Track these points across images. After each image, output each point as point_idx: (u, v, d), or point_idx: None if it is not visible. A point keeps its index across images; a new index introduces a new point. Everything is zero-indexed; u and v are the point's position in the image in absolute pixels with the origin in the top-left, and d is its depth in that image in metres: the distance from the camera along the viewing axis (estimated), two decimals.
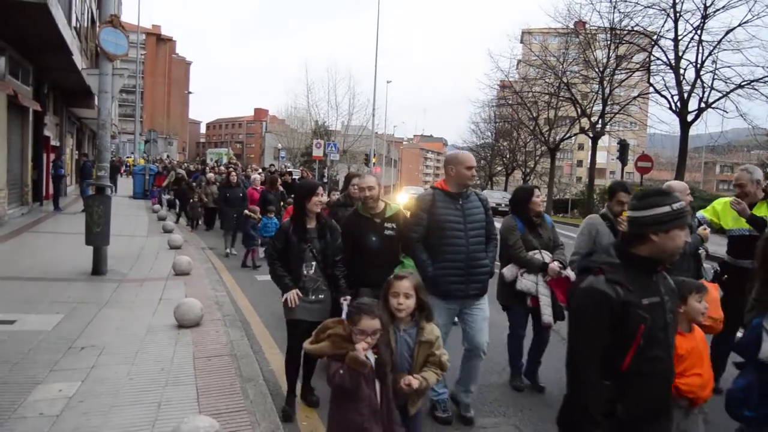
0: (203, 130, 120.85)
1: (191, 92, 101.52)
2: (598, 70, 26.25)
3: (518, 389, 4.62)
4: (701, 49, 20.61)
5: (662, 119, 42.56)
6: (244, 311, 6.77)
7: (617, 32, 23.63)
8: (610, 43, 24.95)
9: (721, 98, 20.45)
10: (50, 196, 16.44)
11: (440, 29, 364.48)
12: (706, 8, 20.03)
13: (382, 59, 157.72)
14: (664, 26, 21.73)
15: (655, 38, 22.25)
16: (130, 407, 3.69)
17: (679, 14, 20.97)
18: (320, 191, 3.99)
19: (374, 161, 36.15)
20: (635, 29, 22.75)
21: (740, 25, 19.38)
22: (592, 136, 27.83)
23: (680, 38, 21.23)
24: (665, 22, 21.51)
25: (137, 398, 3.84)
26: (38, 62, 13.81)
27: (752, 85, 19.56)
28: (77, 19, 16.20)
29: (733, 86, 19.97)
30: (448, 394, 4.00)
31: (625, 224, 4.12)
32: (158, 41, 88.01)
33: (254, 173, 17.47)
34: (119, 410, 3.64)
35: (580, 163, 66.72)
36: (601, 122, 27.17)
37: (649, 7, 21.57)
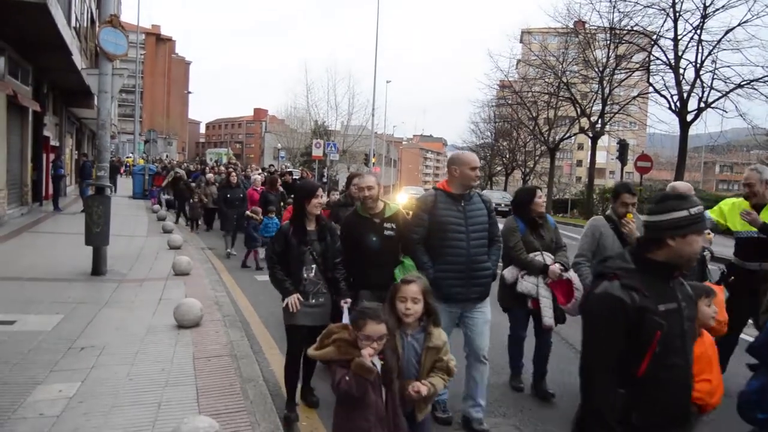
0: (203, 130, 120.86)
1: (191, 92, 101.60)
2: (597, 69, 26.28)
3: (518, 389, 4.61)
4: (701, 48, 20.66)
5: (662, 119, 42.68)
6: (244, 311, 6.78)
7: (617, 32, 23.66)
8: (609, 42, 24.97)
9: (720, 98, 20.49)
10: (50, 196, 16.44)
11: (440, 29, 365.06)
12: (705, 8, 20.06)
13: (381, 59, 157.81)
14: (663, 26, 21.80)
15: (654, 38, 22.27)
16: (130, 407, 3.69)
17: (678, 14, 21.00)
18: (320, 193, 3.94)
19: (374, 161, 36.16)
20: (635, 29, 22.78)
21: (740, 24, 19.42)
22: (591, 135, 27.85)
23: (680, 38, 21.27)
24: (665, 21, 21.57)
25: (137, 398, 3.84)
26: (38, 62, 13.81)
27: (752, 84, 19.59)
28: (77, 18, 16.19)
29: (732, 86, 20.01)
30: (448, 394, 3.98)
31: (628, 226, 4.12)
32: (158, 41, 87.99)
33: (254, 173, 17.48)
34: (119, 411, 3.64)
35: (579, 162, 66.76)
36: (600, 122, 27.19)
37: (648, 6, 21.62)
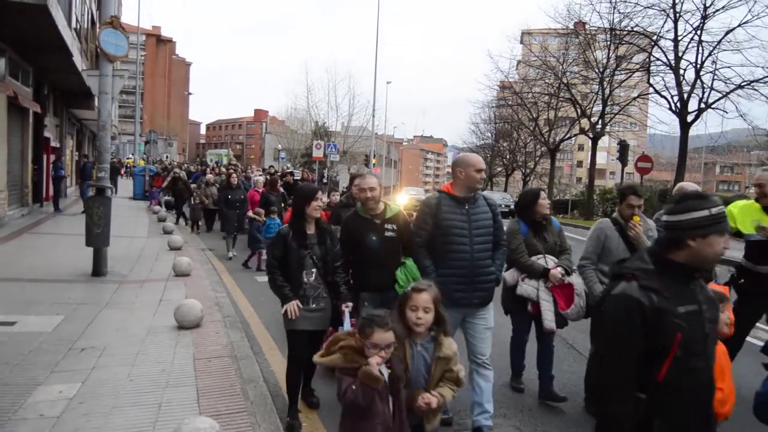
0: (203, 131, 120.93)
1: (191, 93, 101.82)
2: (597, 70, 26.28)
3: (518, 390, 4.61)
4: (701, 49, 20.65)
5: (662, 120, 42.59)
6: (244, 312, 6.78)
7: (617, 33, 23.66)
8: (609, 43, 24.97)
9: (720, 98, 20.48)
10: (50, 197, 16.45)
11: (440, 30, 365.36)
12: (705, 9, 20.07)
13: (381, 58, 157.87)
14: (663, 27, 21.80)
15: (654, 39, 22.28)
16: (130, 408, 3.69)
17: (678, 15, 21.01)
18: (319, 195, 3.92)
19: (374, 162, 36.17)
20: (635, 30, 22.78)
21: (740, 25, 19.41)
22: (592, 136, 27.85)
23: (680, 39, 21.27)
24: (665, 22, 21.57)
25: (138, 399, 3.85)
26: (38, 63, 13.82)
27: (752, 85, 19.58)
28: (77, 20, 16.22)
29: (732, 86, 20.00)
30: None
31: (634, 230, 4.08)
32: (158, 42, 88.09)
33: (256, 174, 17.49)
34: (120, 411, 3.64)
35: (580, 163, 66.71)
36: (601, 123, 27.19)
37: (648, 7, 21.63)
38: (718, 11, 19.96)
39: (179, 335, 5.33)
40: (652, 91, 23.30)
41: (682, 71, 21.32)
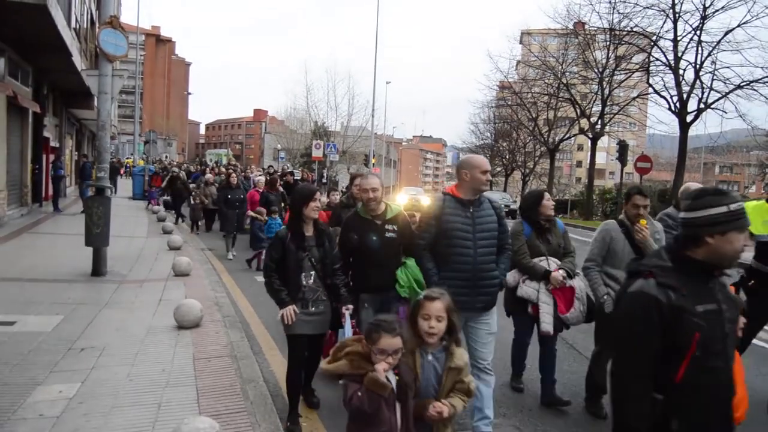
0: (202, 131, 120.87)
1: (190, 93, 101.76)
2: (597, 70, 26.33)
3: (518, 390, 4.61)
4: (700, 49, 20.71)
5: (661, 120, 42.46)
6: (243, 312, 6.78)
7: (616, 33, 23.70)
8: (609, 43, 25.02)
9: (720, 99, 20.53)
10: (50, 197, 16.44)
11: (439, 30, 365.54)
12: (705, 9, 20.12)
13: (381, 58, 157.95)
14: (663, 27, 21.86)
15: (654, 39, 22.32)
16: (130, 408, 3.69)
17: (678, 15, 21.05)
18: (317, 196, 3.86)
19: (374, 162, 36.21)
20: (634, 30, 22.83)
21: (739, 25, 19.47)
22: (591, 136, 27.89)
23: (679, 39, 21.32)
24: (664, 22, 21.63)
25: (137, 399, 3.84)
26: (38, 63, 13.82)
27: (751, 85, 19.63)
28: (77, 20, 16.21)
29: (732, 87, 20.06)
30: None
31: (641, 233, 4.03)
32: (158, 42, 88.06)
33: (256, 174, 17.48)
34: (119, 411, 3.64)
35: (579, 163, 66.83)
36: (600, 123, 27.23)
37: (648, 7, 21.69)
38: (717, 11, 20.04)
39: (179, 335, 5.33)
40: (651, 91, 23.35)
41: (681, 71, 21.37)
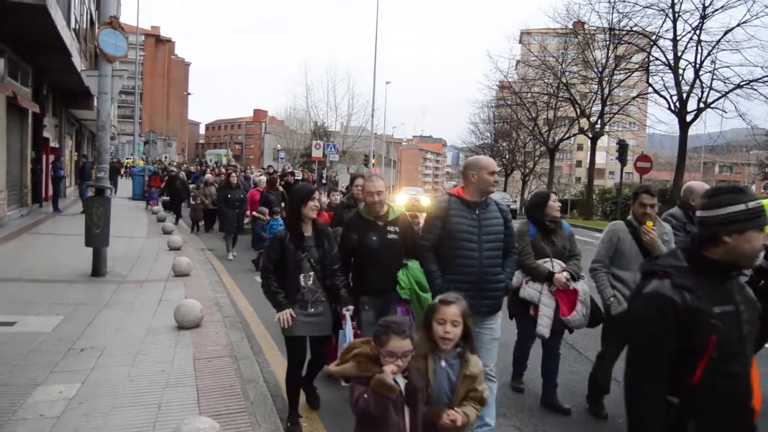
0: (202, 131, 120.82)
1: (190, 93, 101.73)
2: (597, 70, 26.34)
3: (518, 390, 4.61)
4: (700, 49, 20.73)
5: (661, 119, 42.44)
6: (244, 312, 6.78)
7: (616, 32, 23.72)
8: (608, 43, 25.05)
9: (719, 98, 20.55)
10: (49, 197, 16.44)
11: (439, 30, 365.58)
12: (704, 8, 20.13)
13: (381, 58, 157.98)
14: (662, 26, 21.88)
15: (653, 38, 22.33)
16: (130, 408, 3.69)
17: (677, 14, 21.07)
18: (316, 195, 3.80)
19: (373, 162, 36.19)
20: (634, 29, 22.85)
21: (739, 25, 19.48)
22: (591, 136, 27.90)
23: (679, 38, 21.33)
24: (664, 22, 21.66)
25: (137, 399, 3.84)
26: (37, 63, 13.82)
27: (751, 85, 19.65)
28: (76, 20, 16.21)
29: (731, 86, 20.08)
30: None
31: (648, 235, 3.98)
32: (157, 42, 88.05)
33: (256, 174, 17.49)
34: (119, 412, 3.64)
35: (579, 163, 66.84)
36: (600, 122, 27.24)
37: (647, 7, 21.71)
38: (717, 11, 20.07)
39: (179, 335, 5.33)
40: (651, 90, 23.37)
41: (681, 71, 21.39)
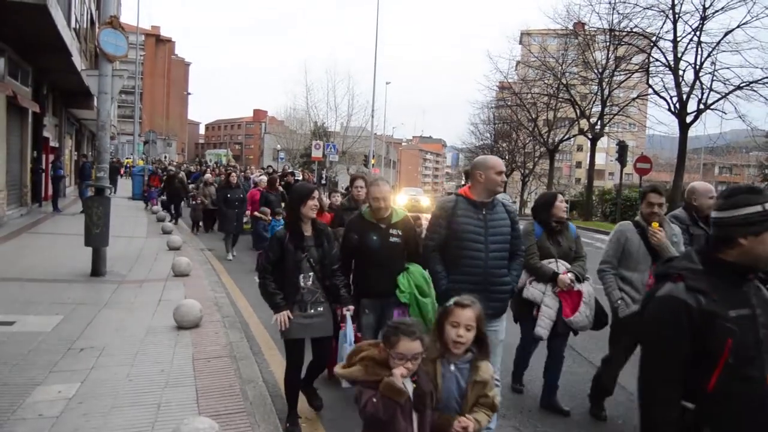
0: (202, 131, 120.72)
1: (190, 93, 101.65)
2: (597, 71, 26.34)
3: (518, 391, 4.61)
4: (700, 50, 20.71)
5: (661, 120, 42.62)
6: (243, 312, 6.77)
7: (616, 33, 23.70)
8: (609, 44, 25.03)
9: (719, 99, 20.53)
10: (49, 197, 16.44)
11: (439, 30, 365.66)
12: (705, 10, 20.12)
13: (381, 58, 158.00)
14: (662, 27, 21.86)
15: (654, 39, 22.32)
16: (129, 408, 3.69)
17: (678, 16, 21.06)
18: (316, 195, 3.75)
19: (373, 162, 36.20)
20: (634, 30, 22.84)
21: (739, 26, 19.48)
22: (591, 137, 27.89)
23: (679, 40, 21.32)
24: (664, 23, 21.64)
25: (137, 399, 3.84)
26: (37, 63, 13.81)
27: (751, 86, 19.64)
28: (77, 20, 16.20)
29: (732, 88, 20.06)
30: None
31: (656, 237, 3.93)
32: (157, 42, 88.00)
33: (257, 173, 17.48)
34: (119, 411, 3.64)
35: (579, 164, 66.83)
36: (600, 123, 27.23)
37: (648, 8, 21.69)
38: (717, 12, 20.04)
39: (178, 335, 5.32)
40: (651, 91, 23.35)
41: (681, 72, 21.38)
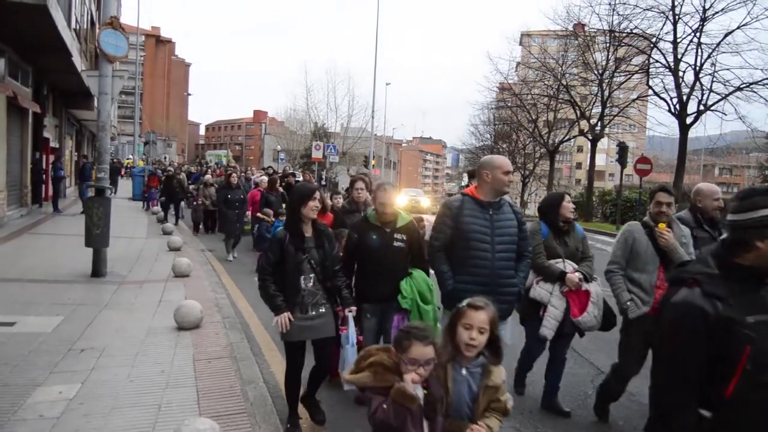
0: (202, 131, 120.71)
1: (190, 94, 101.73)
2: (597, 72, 26.34)
3: (519, 393, 4.59)
4: (700, 51, 20.71)
5: (661, 121, 42.46)
6: (243, 313, 6.77)
7: (616, 35, 23.70)
8: (609, 45, 25.03)
9: (719, 101, 20.53)
10: (49, 197, 16.44)
11: (440, 31, 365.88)
12: (705, 11, 20.13)
13: (381, 60, 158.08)
14: (663, 29, 21.86)
15: (654, 41, 22.33)
16: (130, 409, 3.69)
17: (678, 17, 21.07)
18: (317, 195, 3.69)
19: (373, 163, 36.20)
20: (634, 32, 22.84)
21: (739, 27, 19.48)
22: (591, 138, 27.88)
23: (679, 41, 21.33)
24: (664, 24, 21.64)
25: (137, 400, 3.84)
26: (38, 64, 13.82)
27: (751, 87, 19.64)
28: (77, 20, 16.21)
29: (732, 89, 20.06)
30: None
31: (663, 237, 3.87)
32: (158, 43, 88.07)
33: (258, 174, 17.47)
34: (119, 412, 3.64)
35: (579, 165, 66.82)
36: (600, 124, 27.23)
37: (648, 9, 21.70)
38: (717, 13, 20.05)
39: (179, 336, 5.33)
40: (651, 93, 23.35)
41: (681, 73, 21.38)
